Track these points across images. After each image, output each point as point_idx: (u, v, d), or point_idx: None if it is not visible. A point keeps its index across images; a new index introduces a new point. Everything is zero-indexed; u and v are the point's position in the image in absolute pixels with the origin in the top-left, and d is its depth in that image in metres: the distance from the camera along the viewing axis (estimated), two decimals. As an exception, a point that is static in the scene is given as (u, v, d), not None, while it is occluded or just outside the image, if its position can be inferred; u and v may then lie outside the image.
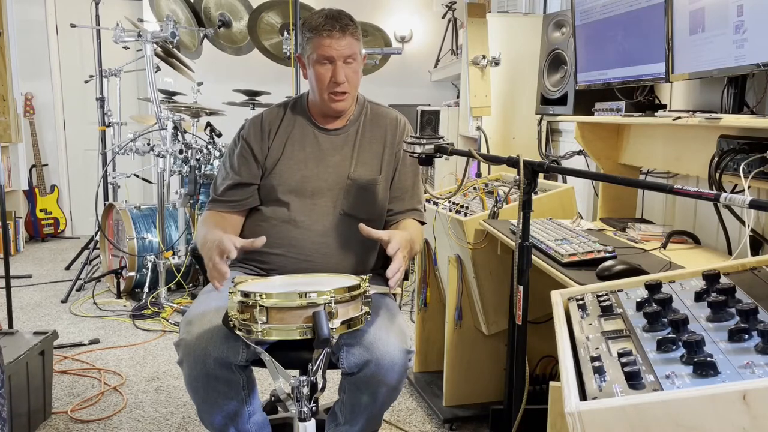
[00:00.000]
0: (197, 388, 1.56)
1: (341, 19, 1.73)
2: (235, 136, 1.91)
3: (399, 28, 5.60)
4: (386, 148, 1.87)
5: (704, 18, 1.69)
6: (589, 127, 2.39)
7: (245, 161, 1.84)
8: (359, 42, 1.77)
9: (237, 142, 1.88)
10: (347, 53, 1.73)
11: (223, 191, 1.84)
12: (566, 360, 0.88)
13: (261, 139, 1.84)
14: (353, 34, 1.74)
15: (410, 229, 1.80)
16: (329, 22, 1.72)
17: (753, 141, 1.63)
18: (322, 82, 1.76)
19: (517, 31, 3.31)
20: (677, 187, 1.10)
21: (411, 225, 1.84)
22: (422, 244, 1.89)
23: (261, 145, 1.84)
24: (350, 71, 1.76)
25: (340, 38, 1.71)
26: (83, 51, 5.66)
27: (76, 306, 3.70)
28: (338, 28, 1.71)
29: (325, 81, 1.75)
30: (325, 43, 1.71)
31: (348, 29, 1.73)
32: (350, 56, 1.74)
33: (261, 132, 1.85)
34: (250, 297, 1.35)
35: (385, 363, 1.48)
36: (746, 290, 0.97)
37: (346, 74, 1.74)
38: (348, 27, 1.73)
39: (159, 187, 3.75)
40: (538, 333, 1.97)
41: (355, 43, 1.75)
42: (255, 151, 1.84)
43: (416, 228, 1.84)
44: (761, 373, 0.71)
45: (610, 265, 1.44)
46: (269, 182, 1.82)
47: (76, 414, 2.39)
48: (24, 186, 5.37)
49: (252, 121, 1.89)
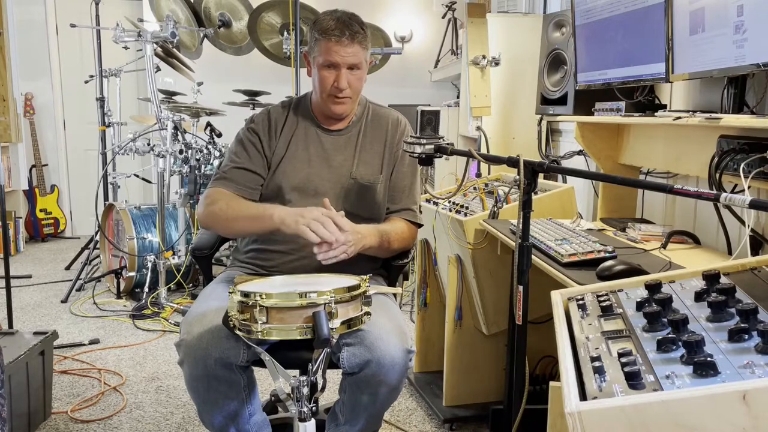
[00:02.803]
0: (198, 389, 1.56)
1: (352, 26, 1.72)
2: (242, 128, 1.88)
3: (399, 28, 5.60)
4: (387, 148, 1.87)
5: (704, 18, 1.69)
6: (589, 127, 2.39)
7: (255, 150, 1.83)
8: (366, 50, 1.77)
9: (245, 133, 1.86)
10: (353, 62, 1.73)
11: (230, 171, 1.82)
12: (566, 360, 0.88)
13: (269, 135, 1.85)
14: (361, 42, 1.74)
15: (386, 225, 1.81)
16: (340, 27, 1.71)
17: (753, 141, 1.63)
18: (324, 85, 1.76)
19: (517, 31, 3.31)
20: (677, 187, 1.09)
21: (391, 222, 1.84)
22: (408, 243, 1.88)
23: (269, 140, 1.84)
24: (354, 78, 1.76)
25: (347, 45, 1.71)
26: (83, 51, 5.66)
27: (76, 306, 3.70)
28: (348, 35, 1.71)
29: (328, 85, 1.75)
30: (333, 48, 1.71)
31: (357, 37, 1.72)
32: (356, 65, 1.75)
33: (269, 127, 1.85)
34: (250, 297, 1.35)
35: (386, 363, 1.48)
36: (746, 290, 0.97)
37: (349, 81, 1.75)
38: (357, 35, 1.72)
39: (159, 187, 3.75)
40: (538, 333, 1.97)
41: (362, 51, 1.75)
42: (264, 143, 1.84)
43: (398, 226, 1.84)
44: (761, 373, 0.71)
45: (610, 265, 1.44)
46: (273, 181, 1.83)
47: (76, 414, 2.39)
48: (24, 186, 5.37)
49: (261, 115, 1.89)
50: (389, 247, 1.80)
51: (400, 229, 1.84)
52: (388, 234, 1.78)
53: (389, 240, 1.78)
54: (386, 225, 1.82)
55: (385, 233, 1.77)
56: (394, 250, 1.83)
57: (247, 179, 1.82)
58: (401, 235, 1.83)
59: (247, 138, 1.85)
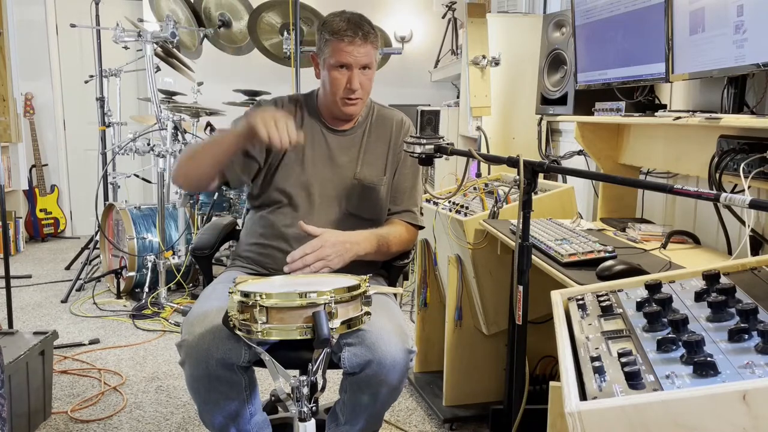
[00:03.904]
0: (199, 389, 1.56)
1: (363, 26, 1.72)
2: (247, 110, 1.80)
3: (399, 28, 5.60)
4: (390, 149, 1.87)
5: (704, 18, 1.69)
6: (589, 127, 2.39)
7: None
8: (377, 50, 1.77)
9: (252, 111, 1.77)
10: (365, 62, 1.73)
11: None
12: (566, 360, 0.88)
13: None
14: (373, 42, 1.74)
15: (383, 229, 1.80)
16: (351, 27, 1.70)
17: (753, 141, 1.63)
18: (336, 87, 1.75)
19: (517, 31, 3.31)
20: (677, 187, 1.10)
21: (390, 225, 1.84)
22: (408, 246, 1.88)
23: None
24: (365, 78, 1.76)
25: (360, 45, 1.71)
26: (83, 51, 5.66)
27: (76, 306, 3.70)
28: (360, 35, 1.70)
29: (341, 86, 1.74)
30: (346, 49, 1.70)
31: (369, 37, 1.72)
32: (368, 65, 1.74)
33: None
34: (250, 297, 1.35)
35: (386, 363, 1.48)
36: (746, 290, 0.97)
37: (361, 81, 1.74)
38: (369, 35, 1.72)
39: (159, 187, 3.75)
40: (538, 333, 1.97)
41: (373, 51, 1.75)
42: None
43: (397, 229, 1.83)
44: (761, 373, 0.71)
45: (610, 265, 1.44)
46: (276, 179, 1.82)
47: (76, 414, 2.39)
48: (24, 186, 5.38)
49: (267, 102, 1.88)
50: (388, 250, 1.79)
51: (399, 231, 1.84)
52: (386, 238, 1.78)
53: (388, 243, 1.78)
54: (384, 229, 1.81)
55: (383, 237, 1.77)
56: (394, 253, 1.83)
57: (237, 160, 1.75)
58: (400, 238, 1.83)
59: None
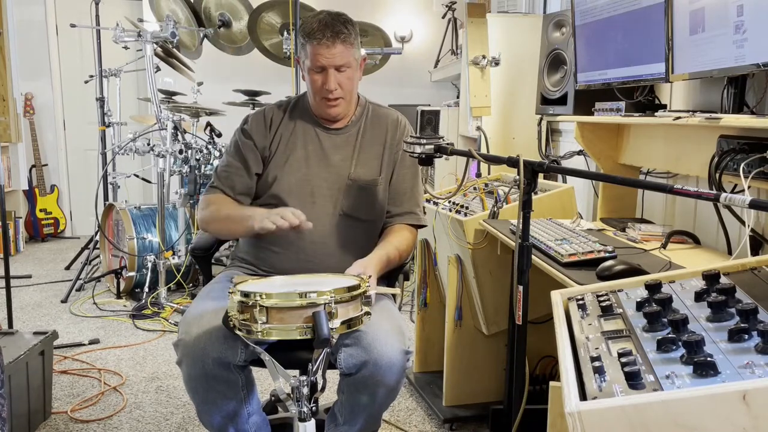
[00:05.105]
0: (196, 388, 1.56)
1: (334, 26, 1.69)
2: (237, 130, 1.89)
3: (399, 28, 5.60)
4: (386, 149, 1.86)
5: (704, 18, 1.69)
6: (589, 127, 2.39)
7: (248, 152, 1.83)
8: (354, 48, 1.74)
9: (239, 136, 1.86)
10: (339, 62, 1.71)
11: (223, 176, 1.84)
12: (566, 360, 0.88)
13: (264, 134, 1.84)
14: (345, 41, 1.70)
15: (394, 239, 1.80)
16: (321, 29, 1.68)
17: (753, 141, 1.62)
18: (315, 88, 1.76)
19: (517, 31, 3.31)
20: (677, 187, 1.10)
21: (398, 233, 1.83)
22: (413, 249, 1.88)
23: (264, 138, 1.84)
24: (343, 78, 1.74)
25: (330, 47, 1.68)
26: (83, 51, 5.66)
27: (76, 306, 3.70)
28: (329, 36, 1.68)
29: (318, 88, 1.74)
30: (319, 51, 1.69)
31: (340, 37, 1.69)
32: (343, 65, 1.72)
33: (264, 126, 1.85)
34: (250, 297, 1.35)
35: (383, 363, 1.48)
36: (746, 290, 0.97)
37: (339, 81, 1.73)
38: (340, 34, 1.69)
39: (159, 187, 3.75)
40: (538, 333, 1.97)
41: (347, 50, 1.71)
42: (258, 144, 1.83)
43: (402, 237, 1.83)
44: (761, 373, 0.71)
45: (610, 265, 1.44)
46: (269, 180, 1.82)
47: (76, 414, 2.38)
48: (24, 186, 5.37)
49: (254, 115, 1.89)
50: (399, 262, 1.80)
51: (405, 238, 1.83)
52: (398, 251, 1.77)
53: (399, 256, 1.78)
54: (391, 243, 1.78)
55: (393, 254, 1.75)
56: (404, 259, 1.84)
57: (240, 183, 1.83)
58: (407, 244, 1.83)
59: (240, 141, 1.85)
